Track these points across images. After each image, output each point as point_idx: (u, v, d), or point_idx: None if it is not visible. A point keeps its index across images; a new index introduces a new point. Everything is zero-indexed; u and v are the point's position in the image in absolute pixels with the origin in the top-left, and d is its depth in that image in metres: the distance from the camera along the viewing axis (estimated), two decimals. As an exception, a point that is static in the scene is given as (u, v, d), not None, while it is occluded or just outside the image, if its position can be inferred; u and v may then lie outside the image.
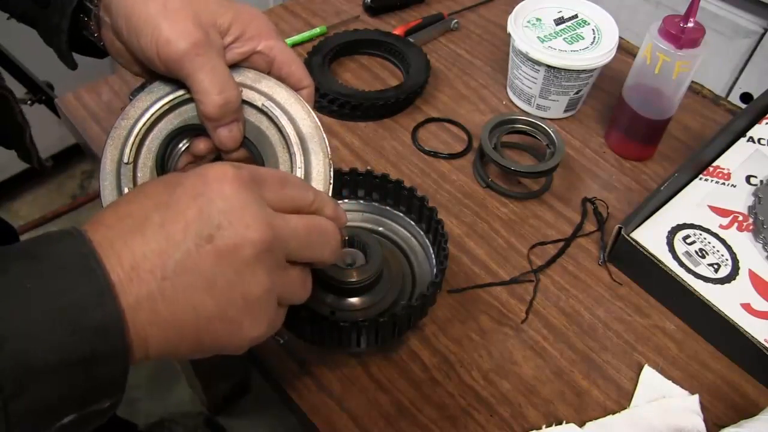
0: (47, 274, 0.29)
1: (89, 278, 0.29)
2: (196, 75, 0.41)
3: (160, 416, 1.33)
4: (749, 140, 0.76)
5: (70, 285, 0.29)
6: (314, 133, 0.46)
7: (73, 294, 0.29)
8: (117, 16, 0.42)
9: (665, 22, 0.67)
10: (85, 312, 0.29)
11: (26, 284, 0.28)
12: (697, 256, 0.64)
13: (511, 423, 0.54)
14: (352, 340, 0.53)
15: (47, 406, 0.28)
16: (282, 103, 0.46)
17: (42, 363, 0.27)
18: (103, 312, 0.29)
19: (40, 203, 1.79)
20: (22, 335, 0.27)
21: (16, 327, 0.27)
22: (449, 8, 0.97)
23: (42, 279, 0.29)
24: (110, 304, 0.29)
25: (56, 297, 0.28)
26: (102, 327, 0.29)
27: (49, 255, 0.30)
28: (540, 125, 0.74)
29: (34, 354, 0.27)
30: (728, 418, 0.55)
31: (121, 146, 0.44)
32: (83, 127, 0.77)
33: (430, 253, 0.61)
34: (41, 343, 0.27)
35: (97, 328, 0.29)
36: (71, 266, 0.29)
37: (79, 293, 0.29)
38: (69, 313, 0.28)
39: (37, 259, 0.29)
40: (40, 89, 1.47)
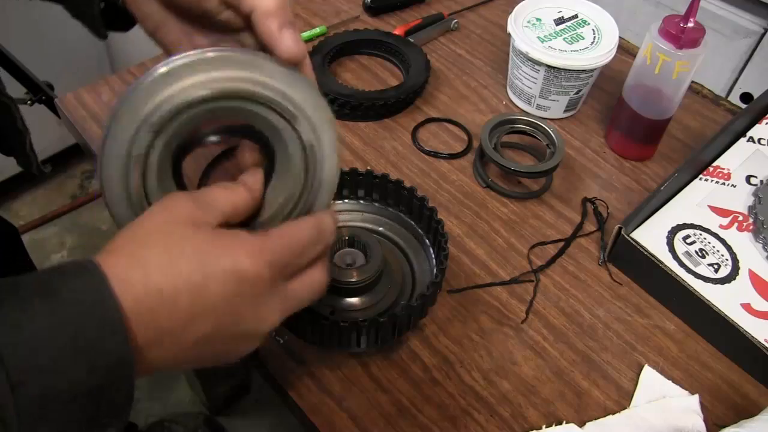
0: (62, 312, 0.30)
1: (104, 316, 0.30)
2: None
3: (160, 416, 1.33)
4: (749, 140, 0.76)
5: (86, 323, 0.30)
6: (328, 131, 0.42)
7: (89, 333, 0.30)
8: None
9: (665, 22, 0.67)
10: (100, 351, 0.30)
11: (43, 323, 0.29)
12: (697, 256, 0.64)
13: (511, 423, 0.54)
14: (352, 340, 0.53)
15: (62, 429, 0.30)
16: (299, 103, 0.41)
17: (57, 397, 0.29)
18: (116, 350, 0.30)
19: (40, 203, 1.79)
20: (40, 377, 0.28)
21: (34, 370, 0.28)
22: (449, 8, 0.97)
23: (57, 317, 0.29)
24: (123, 343, 0.31)
25: (72, 335, 0.29)
26: (115, 363, 0.30)
27: (65, 291, 0.30)
28: (540, 125, 0.74)
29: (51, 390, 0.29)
30: (728, 418, 0.55)
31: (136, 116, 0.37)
32: (83, 127, 0.77)
33: (430, 253, 0.61)
34: (58, 380, 0.29)
35: (110, 364, 0.30)
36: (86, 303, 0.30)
37: (94, 332, 0.30)
38: (84, 352, 0.30)
39: (53, 296, 0.30)
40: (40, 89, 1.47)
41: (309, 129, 0.41)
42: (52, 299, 0.30)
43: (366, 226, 0.63)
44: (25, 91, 1.49)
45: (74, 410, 0.30)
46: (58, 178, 1.86)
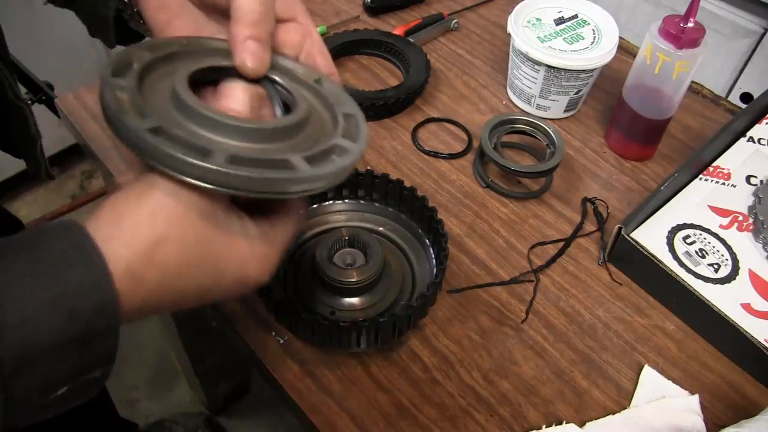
0: (45, 263, 0.30)
1: (85, 265, 0.30)
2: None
3: (160, 416, 1.33)
4: (749, 140, 0.76)
5: (67, 272, 0.30)
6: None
7: (70, 281, 0.30)
8: None
9: (665, 22, 0.67)
10: (82, 297, 0.30)
11: (25, 274, 0.29)
12: (697, 256, 0.64)
13: (511, 423, 0.54)
14: (352, 340, 0.53)
15: (44, 382, 0.30)
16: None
17: (40, 346, 0.29)
18: (99, 297, 0.30)
19: (40, 203, 1.79)
20: (21, 322, 0.28)
21: (15, 315, 0.28)
22: (449, 8, 0.97)
23: (39, 268, 0.30)
24: (107, 289, 0.31)
25: (53, 285, 0.29)
26: (97, 310, 0.30)
27: (46, 244, 0.30)
28: (540, 125, 0.74)
29: (32, 339, 0.29)
30: (728, 418, 0.55)
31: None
32: (83, 127, 0.77)
33: (430, 253, 0.61)
34: (39, 328, 0.29)
35: (93, 311, 0.30)
36: (68, 254, 0.30)
37: (75, 280, 0.30)
38: (66, 300, 0.29)
39: (35, 249, 0.30)
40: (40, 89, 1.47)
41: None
42: (31, 251, 0.30)
43: (366, 226, 0.63)
44: (25, 91, 1.49)
45: (56, 360, 0.30)
46: (58, 178, 1.86)
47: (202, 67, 0.40)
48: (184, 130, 0.35)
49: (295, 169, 0.35)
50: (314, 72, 0.45)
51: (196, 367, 1.22)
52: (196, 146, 0.33)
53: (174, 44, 0.41)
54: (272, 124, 0.39)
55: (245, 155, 0.34)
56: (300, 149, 0.38)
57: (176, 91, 0.37)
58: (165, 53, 0.40)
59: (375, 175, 0.62)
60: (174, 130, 0.34)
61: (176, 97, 0.37)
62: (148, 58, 0.39)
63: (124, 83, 0.36)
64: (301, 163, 0.35)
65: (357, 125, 0.42)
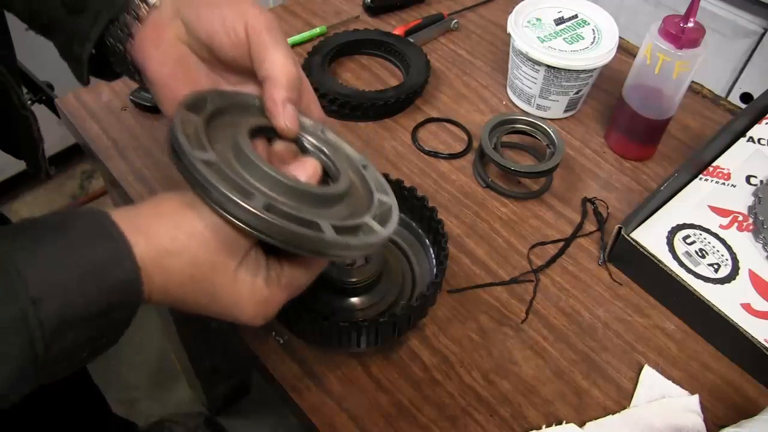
0: (76, 243, 0.33)
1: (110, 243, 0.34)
2: (277, 46, 0.43)
3: (160, 416, 1.33)
4: (749, 140, 0.76)
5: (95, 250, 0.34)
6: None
7: (99, 257, 0.33)
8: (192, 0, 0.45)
9: (665, 22, 0.67)
10: (109, 272, 0.34)
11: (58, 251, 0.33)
12: (697, 256, 0.64)
13: (511, 423, 0.54)
14: (352, 340, 0.53)
15: (74, 346, 0.33)
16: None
17: (73, 314, 0.32)
18: (122, 272, 0.34)
19: (40, 203, 1.79)
20: (57, 295, 0.32)
21: (51, 288, 0.32)
22: (449, 8, 0.97)
23: (72, 247, 0.33)
24: (129, 268, 0.34)
25: (84, 261, 0.33)
26: (122, 283, 0.34)
27: (77, 227, 0.34)
28: (540, 125, 0.74)
29: (66, 310, 0.32)
30: (728, 418, 0.55)
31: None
32: (83, 127, 0.77)
33: (430, 253, 0.61)
34: (72, 300, 0.32)
35: (118, 284, 0.34)
36: (96, 235, 0.34)
37: (103, 256, 0.34)
38: (94, 274, 0.33)
39: (67, 230, 0.34)
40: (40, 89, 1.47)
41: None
42: (67, 232, 0.34)
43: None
44: (25, 91, 1.49)
45: (85, 328, 0.33)
46: (58, 178, 1.86)
47: (258, 125, 0.44)
48: (234, 172, 0.38)
49: (322, 233, 0.38)
50: (319, 124, 0.49)
51: (196, 367, 1.22)
52: (241, 187, 0.37)
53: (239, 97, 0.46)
54: (315, 189, 0.42)
55: (281, 207, 0.37)
56: (331, 218, 0.41)
57: (238, 141, 0.40)
58: (231, 103, 0.45)
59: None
60: (225, 168, 0.37)
61: (237, 145, 0.40)
62: (220, 104, 0.43)
63: (194, 118, 0.40)
64: (329, 229, 0.38)
65: (390, 214, 0.46)
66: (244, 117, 0.44)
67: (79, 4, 0.45)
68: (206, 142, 0.39)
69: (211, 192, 0.35)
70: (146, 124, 0.77)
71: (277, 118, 0.43)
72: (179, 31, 0.45)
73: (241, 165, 0.40)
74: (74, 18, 0.46)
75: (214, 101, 0.43)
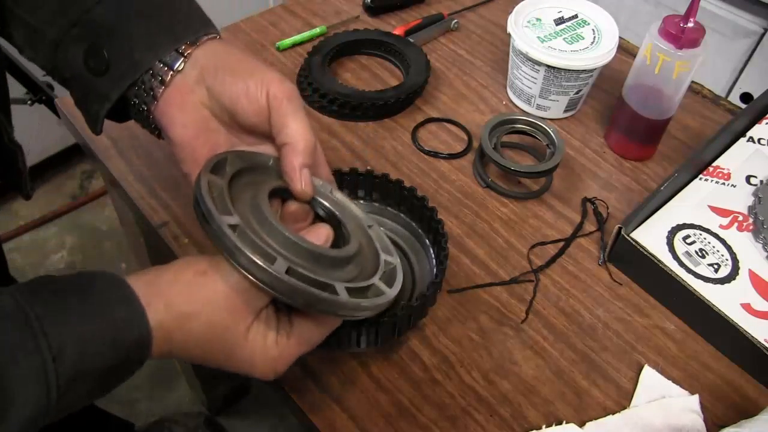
0: (96, 304, 0.37)
1: (127, 306, 0.38)
2: (296, 114, 0.46)
3: (160, 416, 1.33)
4: (749, 140, 0.76)
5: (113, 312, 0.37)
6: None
7: (117, 318, 0.37)
8: (218, 68, 0.47)
9: (665, 22, 0.67)
10: (125, 332, 0.37)
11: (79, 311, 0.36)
12: (697, 256, 0.64)
13: (511, 423, 0.54)
14: (352, 340, 0.53)
15: (84, 394, 0.37)
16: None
17: (88, 370, 0.36)
18: (137, 332, 0.38)
19: (40, 203, 1.79)
20: (75, 351, 0.35)
21: (72, 344, 0.35)
22: (449, 8, 0.97)
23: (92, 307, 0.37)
24: (143, 328, 0.38)
25: (104, 321, 0.36)
26: (134, 343, 0.38)
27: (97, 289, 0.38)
28: (540, 125, 0.74)
29: (84, 361, 0.35)
30: (728, 418, 0.55)
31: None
32: (83, 127, 0.76)
33: (430, 253, 0.61)
34: (88, 356, 0.35)
35: (131, 344, 0.37)
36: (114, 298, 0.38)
37: (120, 317, 0.37)
38: (112, 334, 0.36)
39: (87, 292, 0.37)
40: (40, 89, 1.47)
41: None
42: (87, 293, 0.37)
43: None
44: (25, 91, 1.49)
45: (97, 379, 0.37)
46: (58, 178, 1.86)
47: (275, 187, 0.47)
48: (257, 235, 0.42)
49: (337, 295, 0.41)
50: (328, 185, 0.52)
51: (196, 367, 1.22)
52: (264, 251, 0.40)
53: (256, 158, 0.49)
54: (329, 252, 0.45)
55: (300, 271, 0.40)
56: (343, 278, 0.45)
57: (259, 204, 0.44)
58: (250, 164, 0.48)
59: (375, 175, 0.62)
60: (249, 231, 0.40)
61: (257, 208, 0.44)
62: (240, 166, 0.47)
63: (218, 181, 0.43)
64: (343, 291, 0.42)
65: (395, 274, 0.50)
66: (261, 177, 0.48)
67: (102, 65, 0.47)
68: (230, 205, 0.42)
69: (238, 256, 0.39)
70: (146, 124, 0.77)
71: (295, 183, 0.46)
72: (202, 97, 0.48)
73: (262, 227, 0.43)
74: (96, 79, 0.47)
75: (234, 163, 0.46)
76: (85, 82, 0.48)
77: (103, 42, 0.46)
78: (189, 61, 0.47)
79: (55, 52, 0.48)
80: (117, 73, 0.47)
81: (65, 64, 0.48)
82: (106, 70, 0.47)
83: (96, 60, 0.46)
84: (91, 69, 0.47)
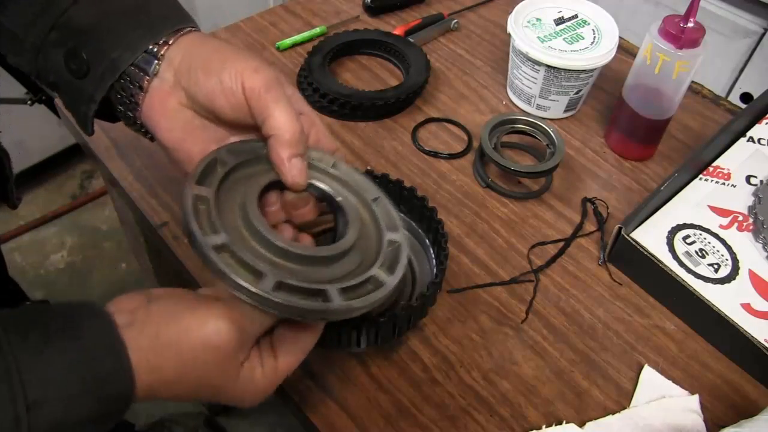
0: (82, 353, 0.35)
1: (114, 359, 0.36)
2: (277, 104, 0.44)
3: (160, 416, 1.33)
4: (749, 140, 0.76)
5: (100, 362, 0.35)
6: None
7: (102, 370, 0.35)
8: (191, 67, 0.45)
9: (665, 22, 0.67)
10: (108, 385, 0.36)
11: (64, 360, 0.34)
12: (697, 256, 0.64)
13: (511, 423, 0.54)
14: (352, 340, 0.53)
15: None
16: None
17: (65, 422, 0.34)
18: (121, 385, 0.36)
19: (40, 203, 1.79)
20: (54, 402, 0.33)
21: (51, 396, 0.33)
22: (449, 8, 0.97)
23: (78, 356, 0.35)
24: (128, 381, 0.36)
25: (87, 371, 0.35)
26: (120, 395, 0.36)
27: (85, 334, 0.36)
28: (540, 125, 0.74)
29: (65, 414, 0.34)
30: (728, 418, 0.55)
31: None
32: (83, 127, 0.77)
33: (430, 253, 0.61)
34: (68, 408, 0.34)
35: (116, 396, 0.36)
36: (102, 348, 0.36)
37: (105, 370, 0.35)
38: (95, 386, 0.35)
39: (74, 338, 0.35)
40: (40, 89, 1.47)
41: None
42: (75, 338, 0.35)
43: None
44: (25, 91, 1.49)
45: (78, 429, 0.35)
46: (58, 178, 1.86)
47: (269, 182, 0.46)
48: (246, 247, 0.42)
49: (330, 302, 0.41)
50: (329, 157, 0.50)
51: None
52: (252, 269, 0.40)
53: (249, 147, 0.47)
54: (322, 252, 0.44)
55: (290, 282, 0.40)
56: (339, 278, 0.44)
57: (247, 210, 0.43)
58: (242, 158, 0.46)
59: (375, 176, 0.62)
60: (236, 248, 0.40)
61: (246, 215, 0.43)
62: (232, 163, 0.45)
63: (205, 192, 0.42)
64: (336, 296, 0.41)
65: (398, 254, 0.47)
66: (256, 168, 0.47)
67: (82, 68, 0.46)
68: (217, 221, 0.41)
69: (225, 280, 0.39)
70: (146, 124, 0.77)
71: (285, 175, 0.45)
72: (181, 98, 0.47)
73: (252, 237, 0.43)
74: (79, 81, 0.47)
75: (225, 161, 0.45)
76: (69, 84, 0.47)
77: (81, 44, 0.46)
78: (164, 63, 0.46)
79: (37, 58, 0.47)
80: (97, 74, 0.46)
81: (48, 68, 0.48)
82: (87, 72, 0.46)
83: (76, 62, 0.46)
84: (73, 71, 0.46)
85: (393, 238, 0.48)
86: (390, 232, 0.49)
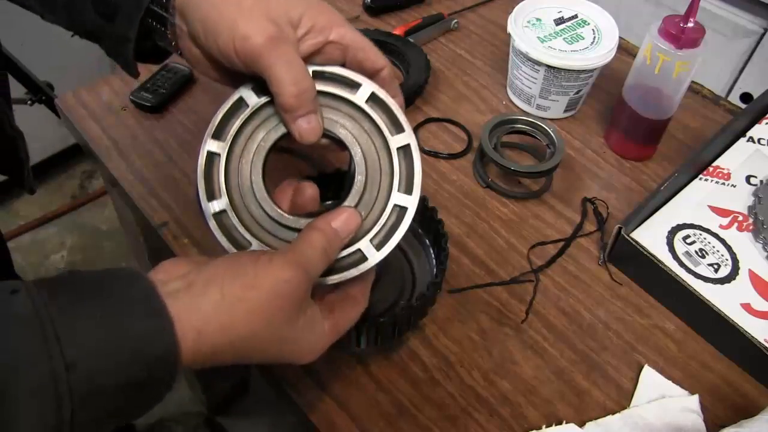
0: (117, 310, 0.33)
1: (153, 316, 0.34)
2: (273, 68, 0.42)
3: (160, 416, 1.33)
4: (749, 140, 0.76)
5: (136, 321, 0.33)
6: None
7: (138, 329, 0.33)
8: (194, 21, 0.44)
9: (665, 22, 0.67)
10: (147, 345, 0.33)
11: (98, 317, 0.32)
12: (697, 256, 0.64)
13: (511, 423, 0.54)
14: (352, 340, 0.53)
15: (105, 415, 0.33)
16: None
17: (105, 384, 0.32)
18: (162, 346, 0.34)
19: (40, 203, 1.79)
20: (92, 361, 0.31)
21: (87, 353, 0.31)
22: (449, 8, 0.97)
23: (112, 314, 0.33)
24: (169, 340, 0.34)
25: (123, 330, 0.33)
26: (160, 358, 0.33)
27: (119, 293, 0.34)
28: (540, 125, 0.74)
29: (99, 377, 0.31)
30: (728, 418, 0.55)
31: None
32: (83, 127, 0.77)
33: (430, 253, 0.61)
34: (107, 368, 0.32)
35: (156, 358, 0.33)
36: (138, 304, 0.34)
37: (143, 328, 0.33)
38: (133, 345, 0.33)
39: (108, 296, 0.33)
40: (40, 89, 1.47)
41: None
42: (104, 297, 0.33)
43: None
44: (25, 91, 1.49)
45: (117, 398, 0.32)
46: (58, 178, 1.87)
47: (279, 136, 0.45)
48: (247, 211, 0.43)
49: (367, 260, 0.42)
50: (369, 85, 0.49)
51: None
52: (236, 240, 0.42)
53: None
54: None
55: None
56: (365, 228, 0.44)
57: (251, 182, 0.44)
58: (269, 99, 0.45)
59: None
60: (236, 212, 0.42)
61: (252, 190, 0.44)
62: (254, 102, 0.45)
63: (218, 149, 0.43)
64: (371, 250, 0.42)
65: (411, 161, 0.46)
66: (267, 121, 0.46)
67: (110, 10, 0.47)
68: (222, 184, 0.43)
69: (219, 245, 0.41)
70: (146, 124, 0.77)
71: (293, 133, 0.45)
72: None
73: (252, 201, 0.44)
74: (110, 25, 0.47)
75: (248, 101, 0.45)
76: (102, 30, 0.48)
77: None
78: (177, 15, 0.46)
79: (70, 11, 0.48)
80: (126, 12, 0.47)
81: (81, 19, 0.48)
82: (116, 12, 0.47)
83: (104, 6, 0.47)
84: (104, 16, 0.47)
85: (401, 203, 0.45)
86: (401, 195, 0.45)
